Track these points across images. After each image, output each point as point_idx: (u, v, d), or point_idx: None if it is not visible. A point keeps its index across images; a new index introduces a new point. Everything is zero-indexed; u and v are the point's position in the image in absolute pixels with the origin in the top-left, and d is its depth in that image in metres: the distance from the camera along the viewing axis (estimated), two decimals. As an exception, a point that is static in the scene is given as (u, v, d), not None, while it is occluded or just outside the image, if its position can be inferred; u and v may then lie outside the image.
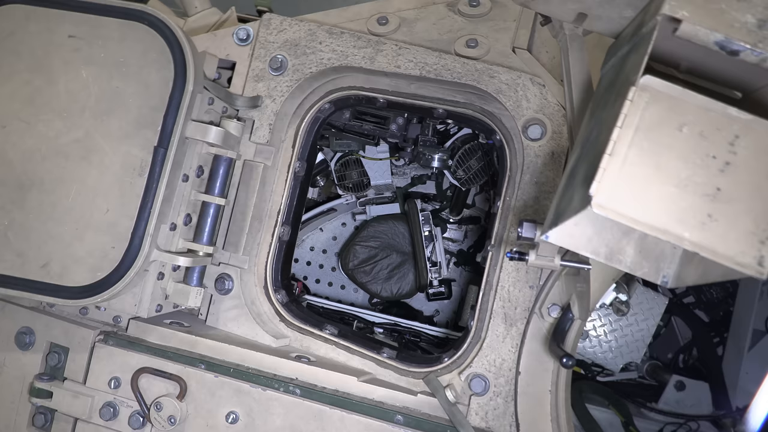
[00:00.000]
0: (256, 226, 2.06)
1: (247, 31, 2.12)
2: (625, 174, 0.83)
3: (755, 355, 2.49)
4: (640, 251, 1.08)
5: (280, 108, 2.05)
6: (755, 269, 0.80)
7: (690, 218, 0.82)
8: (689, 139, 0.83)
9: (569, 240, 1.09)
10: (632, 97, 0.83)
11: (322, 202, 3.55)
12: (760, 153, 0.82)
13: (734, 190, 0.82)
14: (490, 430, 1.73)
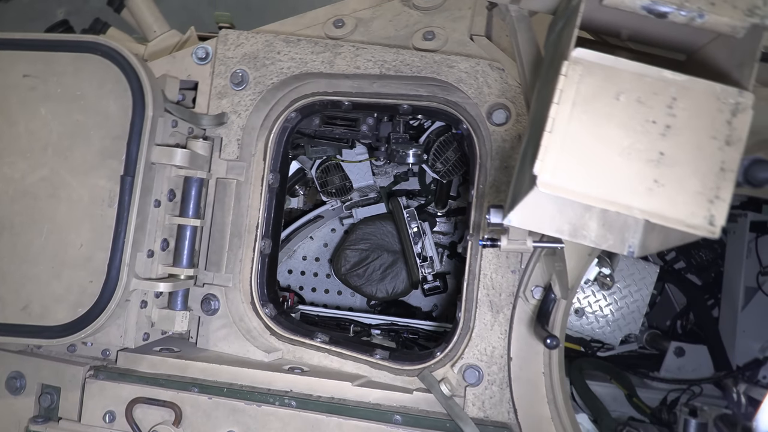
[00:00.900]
0: (236, 243, 2.05)
1: (205, 50, 2.11)
2: (568, 149, 0.82)
3: (750, 312, 2.48)
4: (604, 224, 1.07)
5: (246, 122, 2.04)
6: (707, 229, 0.79)
7: (636, 186, 0.81)
8: (627, 106, 0.82)
9: (532, 221, 1.08)
10: (566, 72, 0.82)
11: (309, 211, 3.55)
12: (698, 113, 0.81)
13: (677, 152, 0.81)
14: (488, 419, 1.72)
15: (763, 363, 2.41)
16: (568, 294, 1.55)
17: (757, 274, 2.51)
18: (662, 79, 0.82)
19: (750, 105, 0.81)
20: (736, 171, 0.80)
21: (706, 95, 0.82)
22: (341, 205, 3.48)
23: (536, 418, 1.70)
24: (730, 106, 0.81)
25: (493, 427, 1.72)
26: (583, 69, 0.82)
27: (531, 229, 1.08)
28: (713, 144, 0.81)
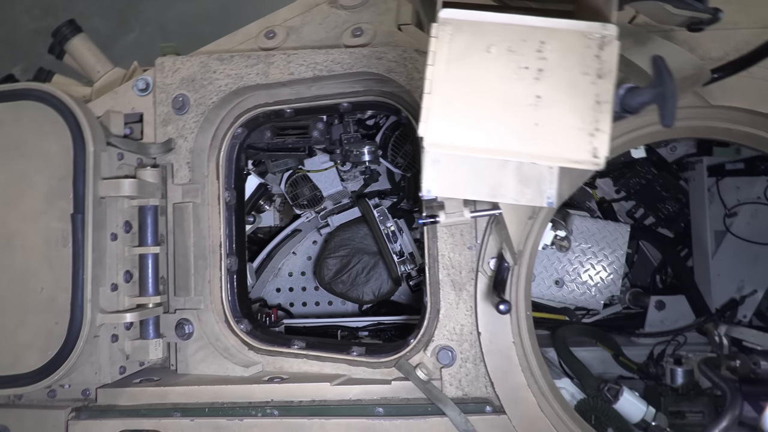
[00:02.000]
0: (201, 265, 2.06)
1: (145, 81, 2.14)
2: (449, 107, 0.84)
3: (722, 255, 2.49)
4: (520, 180, 1.09)
5: (193, 145, 2.06)
6: (591, 162, 0.81)
7: (519, 131, 0.83)
8: (499, 57, 0.84)
9: (450, 188, 1.10)
10: (436, 33, 0.84)
11: (286, 226, 3.56)
12: (567, 52, 0.83)
13: (553, 93, 0.83)
14: (467, 396, 1.73)
15: (741, 303, 2.42)
16: (519, 259, 1.56)
17: (724, 217, 2.52)
18: (527, 25, 0.84)
19: (615, 36, 0.83)
20: (611, 102, 0.82)
21: (572, 34, 0.84)
22: (316, 216, 3.49)
23: (513, 387, 1.71)
24: (597, 40, 0.83)
25: (474, 403, 1.72)
26: (452, 28, 0.85)
27: (450, 196, 1.10)
28: (586, 79, 0.83)
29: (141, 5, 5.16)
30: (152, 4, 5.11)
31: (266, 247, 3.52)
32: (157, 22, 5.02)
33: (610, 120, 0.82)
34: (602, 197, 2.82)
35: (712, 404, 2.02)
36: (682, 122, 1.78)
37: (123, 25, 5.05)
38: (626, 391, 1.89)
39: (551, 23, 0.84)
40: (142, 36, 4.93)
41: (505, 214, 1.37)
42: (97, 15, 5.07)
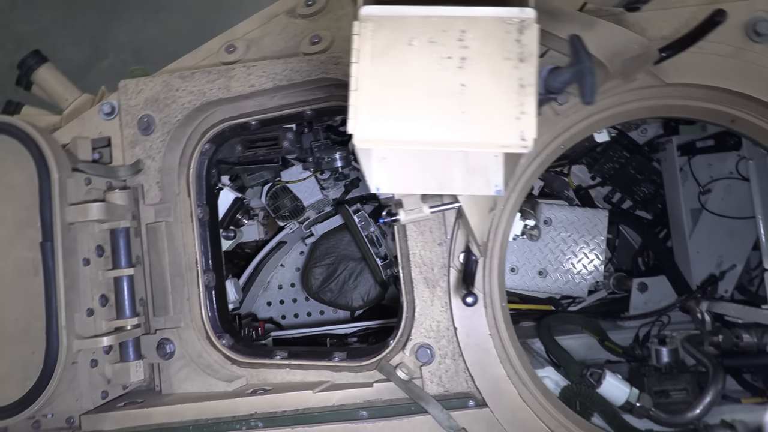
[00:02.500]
0: (179, 283, 2.06)
1: (110, 105, 2.14)
2: (376, 102, 0.85)
3: (699, 232, 2.50)
4: (467, 171, 1.10)
5: (162, 164, 2.06)
6: (520, 145, 0.82)
7: (447, 121, 0.83)
8: (422, 49, 0.85)
9: (399, 184, 1.11)
10: (358, 31, 0.85)
11: (271, 239, 3.56)
12: (488, 39, 0.84)
13: (477, 80, 0.84)
14: (449, 392, 1.73)
15: (721, 278, 2.43)
16: (489, 251, 1.57)
17: (698, 195, 2.53)
18: (447, 15, 0.85)
19: (534, 18, 0.84)
20: (535, 84, 0.83)
21: (492, 20, 0.85)
22: (300, 226, 3.49)
23: (493, 379, 1.71)
24: (516, 25, 0.84)
25: (456, 398, 1.72)
26: (374, 24, 0.86)
27: (400, 192, 1.11)
28: (508, 64, 0.84)
29: (113, 31, 5.17)
30: (124, 30, 5.13)
31: (253, 260, 3.52)
32: (131, 46, 5.04)
33: (535, 102, 0.83)
34: (578, 185, 2.83)
35: (695, 380, 2.02)
36: (639, 102, 1.79)
37: (97, 52, 5.07)
38: (608, 374, 1.89)
39: (470, 12, 0.85)
40: (116, 62, 4.94)
41: (465, 206, 1.38)
42: (70, 44, 5.08)
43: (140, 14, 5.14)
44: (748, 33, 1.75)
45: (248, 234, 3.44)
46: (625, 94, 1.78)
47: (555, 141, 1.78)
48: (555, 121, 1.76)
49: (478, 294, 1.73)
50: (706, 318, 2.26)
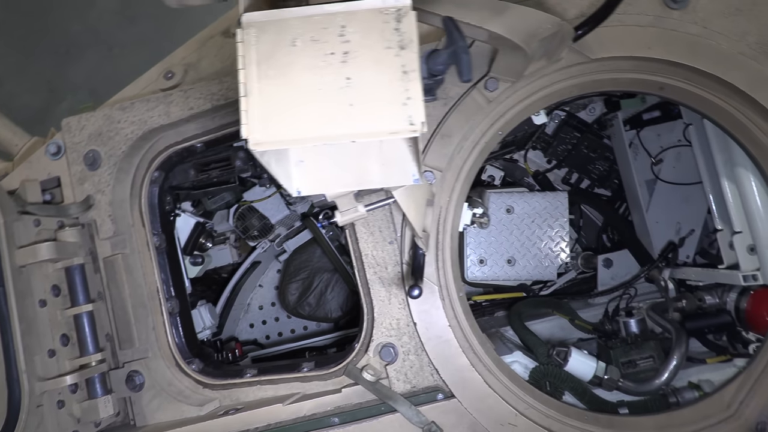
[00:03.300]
0: (142, 313, 2.05)
1: (56, 144, 2.14)
2: (266, 106, 0.86)
3: (656, 202, 2.53)
4: (384, 164, 1.12)
5: (112, 197, 2.06)
6: (409, 129, 0.84)
7: (337, 115, 0.85)
8: (305, 48, 0.87)
9: (319, 185, 1.12)
10: (241, 38, 0.87)
11: (244, 261, 3.55)
12: (368, 31, 0.86)
13: (361, 72, 0.86)
14: (416, 388, 1.73)
15: (680, 245, 2.46)
16: (426, 244, 1.58)
17: (651, 165, 2.57)
18: (326, 13, 0.87)
19: (410, 6, 0.86)
20: (418, 69, 0.85)
21: (370, 13, 0.87)
22: (272, 244, 3.49)
23: (458, 369, 1.72)
24: (393, 14, 0.86)
25: (424, 393, 1.73)
26: (256, 30, 0.87)
27: (321, 192, 1.12)
28: (390, 53, 0.86)
29: (69, 73, 5.17)
30: (80, 70, 5.13)
31: (229, 283, 3.50)
32: (87, 85, 5.03)
33: (420, 87, 0.85)
34: (536, 170, 2.86)
35: (660, 347, 2.04)
36: (569, 81, 1.83)
37: (54, 96, 5.06)
38: (574, 351, 1.90)
39: (348, 6, 0.87)
40: (74, 102, 4.93)
41: (399, 201, 1.39)
42: (27, 91, 5.06)
43: (94, 53, 5.14)
44: (665, 1, 1.79)
45: (221, 258, 3.43)
46: (554, 74, 1.81)
47: (492, 128, 1.81)
48: (489, 108, 1.79)
49: (434, 287, 1.75)
50: (669, 285, 2.29)
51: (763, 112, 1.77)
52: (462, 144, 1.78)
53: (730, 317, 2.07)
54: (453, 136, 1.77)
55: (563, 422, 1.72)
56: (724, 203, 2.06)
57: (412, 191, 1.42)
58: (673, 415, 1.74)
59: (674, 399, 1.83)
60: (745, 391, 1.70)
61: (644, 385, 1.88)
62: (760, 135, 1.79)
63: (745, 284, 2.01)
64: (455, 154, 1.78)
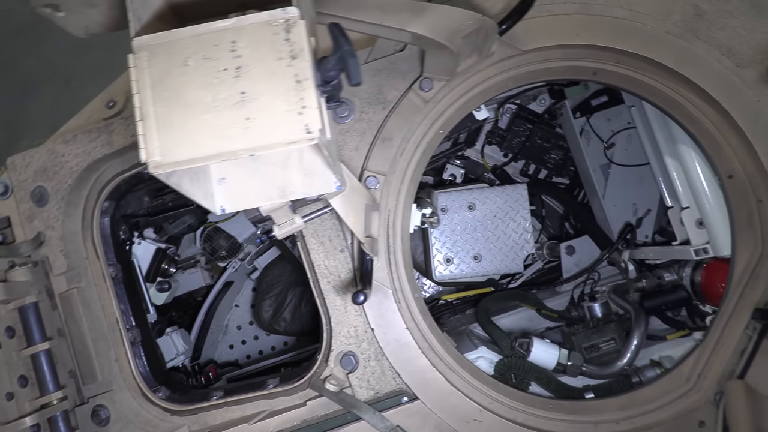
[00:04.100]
0: (103, 346, 2.02)
1: (3, 184, 2.11)
2: (164, 128, 0.86)
3: (612, 186, 2.56)
4: (305, 174, 1.12)
5: (62, 232, 2.03)
6: (307, 138, 0.84)
7: (233, 130, 0.85)
8: (198, 67, 0.87)
9: (243, 201, 1.12)
10: (134, 63, 0.87)
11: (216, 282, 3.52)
12: (258, 44, 0.86)
13: (256, 85, 0.86)
14: (380, 393, 1.73)
15: (638, 225, 2.48)
16: (372, 249, 1.58)
17: (604, 150, 2.60)
18: (215, 30, 0.87)
19: (298, 16, 0.86)
20: (311, 77, 0.85)
21: (259, 26, 0.87)
22: (242, 263, 3.47)
23: (419, 371, 1.72)
24: (282, 25, 0.86)
25: (389, 398, 1.72)
26: (148, 53, 0.87)
27: (246, 208, 1.12)
28: (282, 64, 0.86)
29: (28, 111, 5.10)
30: (38, 106, 5.07)
31: (203, 306, 3.47)
32: (47, 121, 4.96)
33: (315, 95, 0.85)
34: (494, 165, 2.88)
35: (620, 328, 2.06)
36: (503, 74, 1.84)
37: (14, 135, 4.99)
38: (536, 340, 1.91)
39: (237, 22, 0.87)
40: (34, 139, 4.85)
41: (338, 209, 1.40)
42: (-14, 132, 4.99)
43: (51, 88, 5.08)
44: (590, -13, 1.82)
45: (193, 282, 3.40)
46: (488, 69, 1.83)
47: (432, 127, 1.82)
48: (427, 108, 1.80)
49: (387, 290, 1.75)
50: (629, 266, 2.31)
51: (694, 89, 1.80)
52: (403, 146, 1.79)
53: (686, 292, 2.10)
54: (394, 139, 1.78)
55: (528, 413, 1.73)
56: (671, 181, 2.09)
57: (349, 198, 1.43)
58: (636, 395, 1.75)
59: (637, 378, 1.85)
60: (702, 363, 1.72)
61: (607, 367, 1.90)
62: (694, 111, 1.82)
63: (697, 258, 2.04)
64: (398, 157, 1.79)
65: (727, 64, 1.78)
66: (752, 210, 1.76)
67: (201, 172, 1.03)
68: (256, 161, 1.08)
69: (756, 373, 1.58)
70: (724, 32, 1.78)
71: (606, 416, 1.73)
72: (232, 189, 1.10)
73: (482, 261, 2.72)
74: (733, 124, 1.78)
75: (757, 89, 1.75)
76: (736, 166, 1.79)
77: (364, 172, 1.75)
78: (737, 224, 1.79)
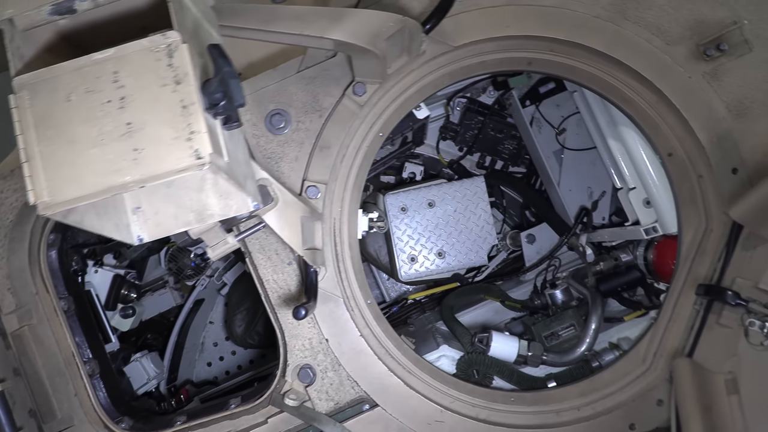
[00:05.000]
0: (61, 382, 1.98)
1: (-58, 225, 2.05)
2: (51, 167, 0.83)
3: (566, 171, 2.57)
4: (221, 196, 1.10)
5: (8, 270, 1.99)
6: (197, 164, 0.82)
7: (122, 163, 0.83)
8: (81, 101, 0.84)
9: (160, 229, 1.09)
10: (15, 103, 0.84)
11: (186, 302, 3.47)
12: (140, 72, 0.84)
13: (141, 115, 0.83)
14: (340, 404, 1.72)
15: (594, 208, 2.49)
16: (312, 259, 1.57)
17: (556, 136, 2.61)
18: (96, 62, 0.84)
19: (180, 40, 0.84)
20: (197, 102, 0.83)
21: (140, 54, 0.85)
22: (211, 279, 3.43)
23: (377, 377, 1.71)
24: (164, 51, 0.84)
25: (350, 407, 1.71)
26: (29, 92, 0.84)
27: (165, 235, 1.09)
28: (167, 90, 0.84)
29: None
30: None
31: (173, 329, 3.42)
32: (3, 153, 4.86)
33: (203, 119, 0.83)
34: (450, 159, 2.88)
35: (577, 314, 2.07)
36: (438, 72, 1.83)
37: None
38: (495, 334, 1.91)
39: (117, 51, 0.85)
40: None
41: (272, 224, 1.38)
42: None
43: None
44: (516, -21, 1.81)
45: (163, 303, 3.36)
46: (422, 68, 1.82)
47: (371, 131, 1.80)
48: (363, 112, 1.78)
49: (338, 299, 1.73)
50: (587, 250, 2.32)
51: (627, 70, 1.81)
52: (343, 153, 1.77)
53: (639, 272, 2.11)
54: (332, 147, 1.76)
55: (490, 408, 1.73)
56: (616, 163, 2.10)
57: (282, 212, 1.41)
58: (595, 380, 1.76)
59: (596, 363, 1.86)
60: (656, 342, 1.73)
61: (568, 354, 1.90)
62: (628, 92, 1.83)
63: (647, 237, 2.05)
64: (338, 164, 1.77)
65: (657, 43, 1.78)
66: (693, 186, 1.78)
67: (110, 205, 1.01)
68: (170, 187, 1.05)
69: (703, 348, 1.59)
70: (652, 12, 1.78)
71: (567, 404, 1.74)
72: (149, 217, 1.07)
73: (446, 257, 2.71)
74: (667, 103, 1.79)
75: (687, 66, 1.76)
76: (674, 143, 1.80)
77: (304, 182, 1.73)
78: (681, 201, 1.80)
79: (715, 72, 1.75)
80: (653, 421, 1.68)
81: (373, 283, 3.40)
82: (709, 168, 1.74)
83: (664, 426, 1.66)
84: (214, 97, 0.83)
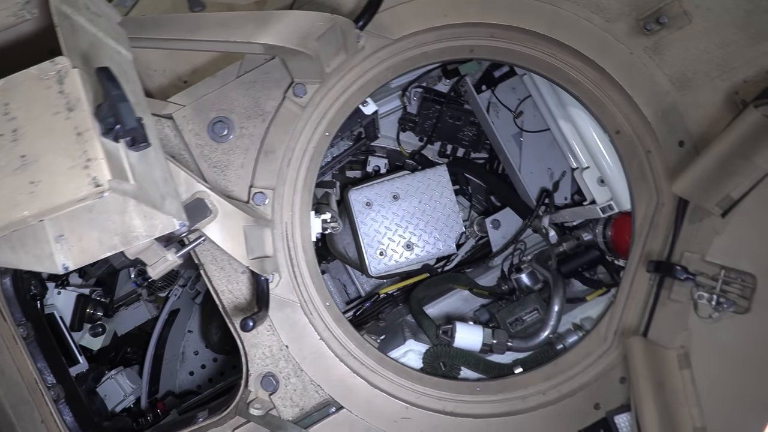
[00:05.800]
0: (26, 410, 1.95)
1: None
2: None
3: (526, 153, 2.55)
4: (145, 216, 1.07)
5: (-39, 300, 1.94)
6: (96, 191, 0.79)
7: (20, 197, 0.80)
8: (-31, 136, 0.81)
9: (87, 256, 1.06)
10: None
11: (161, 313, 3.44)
12: (30, 101, 0.81)
13: (35, 147, 0.81)
14: (305, 409, 1.70)
15: (555, 189, 2.49)
16: (262, 268, 1.54)
17: (514, 119, 2.59)
18: (-17, 93, 0.81)
19: (69, 65, 0.81)
20: (92, 127, 0.80)
21: (28, 83, 0.82)
22: (184, 289, 3.40)
23: (339, 380, 1.70)
24: (54, 78, 0.81)
25: (316, 412, 1.70)
26: None
27: (91, 261, 1.06)
28: (59, 118, 0.81)
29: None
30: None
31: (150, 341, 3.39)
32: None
33: (99, 145, 0.80)
34: (412, 150, 2.86)
35: (539, 298, 2.07)
36: (380, 66, 1.81)
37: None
38: (458, 325, 1.90)
39: (5, 83, 0.81)
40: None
41: (212, 237, 1.35)
42: None
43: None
44: (451, -34, 1.79)
45: (138, 316, 3.33)
46: (363, 63, 1.79)
47: (316, 131, 1.78)
48: (306, 113, 1.76)
49: (294, 304, 1.72)
50: (549, 232, 2.31)
51: (569, 51, 1.80)
52: (288, 156, 1.75)
53: (598, 251, 2.12)
54: (277, 151, 1.73)
55: (457, 400, 1.73)
56: (569, 143, 2.09)
57: (223, 224, 1.39)
58: (559, 362, 1.76)
59: (561, 345, 1.86)
60: (616, 320, 1.74)
61: (533, 339, 1.90)
62: (573, 73, 1.82)
63: (604, 215, 2.05)
64: (285, 168, 1.75)
65: (597, 20, 1.77)
66: (642, 161, 1.78)
67: (28, 236, 0.97)
68: (92, 211, 1.02)
69: (657, 324, 1.60)
70: (590, -11, 1.77)
71: (532, 389, 1.74)
72: (72, 245, 1.04)
73: (415, 248, 2.70)
74: (611, 80, 1.78)
75: (628, 42, 1.76)
76: (621, 121, 1.80)
77: (251, 189, 1.70)
78: (632, 177, 1.80)
79: (657, 46, 1.74)
80: (617, 399, 1.69)
81: (348, 280, 3.39)
82: (657, 143, 1.74)
83: (628, 403, 1.67)
84: (107, 121, 0.80)
